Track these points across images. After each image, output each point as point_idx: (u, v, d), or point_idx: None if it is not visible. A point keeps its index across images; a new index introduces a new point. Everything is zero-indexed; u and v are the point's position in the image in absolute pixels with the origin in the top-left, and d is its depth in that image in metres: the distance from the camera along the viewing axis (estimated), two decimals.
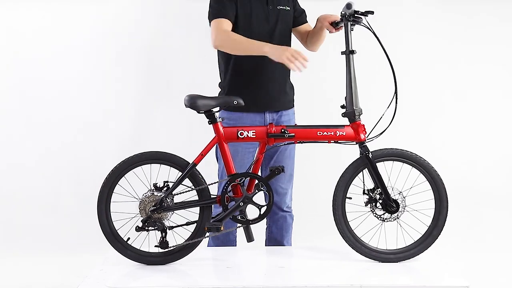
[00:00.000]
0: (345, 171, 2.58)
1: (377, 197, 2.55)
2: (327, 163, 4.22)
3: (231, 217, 2.55)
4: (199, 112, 2.54)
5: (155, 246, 2.55)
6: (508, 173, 4.55)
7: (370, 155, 2.54)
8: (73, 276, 3.62)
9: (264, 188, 2.56)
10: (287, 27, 2.91)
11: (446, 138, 4.51)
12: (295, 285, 2.31)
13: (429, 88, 4.48)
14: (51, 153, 4.37)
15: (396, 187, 2.56)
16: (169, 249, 2.55)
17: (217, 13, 2.77)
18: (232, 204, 2.55)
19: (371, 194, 2.56)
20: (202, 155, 2.56)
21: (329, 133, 2.54)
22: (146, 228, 2.54)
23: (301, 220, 3.42)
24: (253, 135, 2.56)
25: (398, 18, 4.44)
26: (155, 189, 2.56)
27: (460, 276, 2.40)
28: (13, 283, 3.59)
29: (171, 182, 2.57)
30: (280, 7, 2.87)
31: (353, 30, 2.59)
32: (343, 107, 2.57)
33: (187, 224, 2.59)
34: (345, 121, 2.56)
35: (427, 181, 2.57)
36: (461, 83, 4.51)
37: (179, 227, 2.60)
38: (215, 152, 2.89)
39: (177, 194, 2.57)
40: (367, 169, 2.55)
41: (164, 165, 2.60)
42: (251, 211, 2.57)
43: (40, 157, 4.37)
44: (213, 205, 2.63)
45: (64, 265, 3.83)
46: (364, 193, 2.57)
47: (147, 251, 2.59)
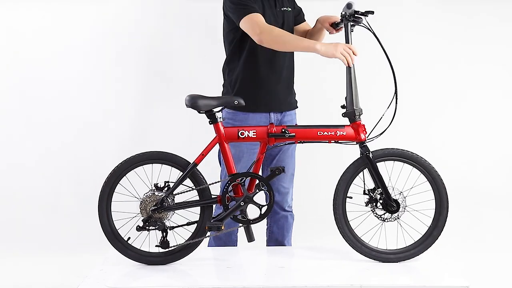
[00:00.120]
0: (346, 171, 2.58)
1: (378, 197, 2.55)
2: (328, 163, 4.22)
3: (232, 216, 2.55)
4: (200, 112, 2.55)
5: (156, 246, 2.55)
6: (508, 173, 4.55)
7: (370, 155, 2.54)
8: (73, 276, 3.62)
9: (264, 188, 2.56)
10: (291, 28, 2.92)
11: (446, 138, 4.51)
12: (295, 285, 2.31)
13: (429, 88, 4.48)
14: (51, 153, 4.37)
15: (396, 187, 2.56)
16: (169, 249, 2.55)
17: (247, 9, 2.69)
18: (232, 204, 2.55)
19: (372, 194, 2.56)
20: (203, 155, 2.56)
21: (329, 133, 2.54)
22: (146, 227, 2.54)
23: (302, 220, 3.43)
24: (253, 135, 2.56)
25: (398, 18, 4.44)
26: (156, 189, 2.56)
27: (460, 276, 2.40)
28: (13, 283, 3.59)
29: (172, 182, 2.57)
30: (284, 8, 2.87)
31: (353, 31, 2.59)
32: (343, 107, 2.57)
33: (188, 224, 2.59)
34: (345, 121, 2.56)
35: (428, 182, 2.57)
36: (461, 83, 4.51)
37: (179, 227, 2.60)
38: (218, 155, 2.87)
39: (178, 194, 2.58)
40: (367, 169, 2.56)
41: (165, 165, 2.60)
42: (252, 211, 2.57)
43: (40, 157, 4.37)
44: (215, 206, 2.63)
45: (64, 265, 3.83)
46: (364, 193, 2.57)
47: (148, 251, 2.59)
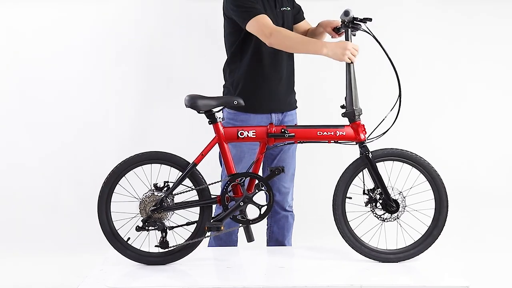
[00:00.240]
0: (345, 171, 2.58)
1: (377, 197, 2.55)
2: (327, 163, 4.22)
3: (231, 217, 2.55)
4: (199, 112, 2.54)
5: (155, 246, 2.55)
6: (508, 173, 4.54)
7: (370, 155, 2.53)
8: (73, 276, 3.62)
9: (264, 188, 2.56)
10: (291, 27, 2.91)
11: (446, 138, 4.51)
12: (295, 285, 2.31)
13: (429, 88, 4.47)
14: (51, 153, 4.37)
15: (396, 187, 2.56)
16: (169, 249, 2.55)
17: (252, 11, 2.68)
18: (232, 204, 2.55)
19: (371, 194, 2.55)
20: (202, 155, 2.56)
21: (329, 133, 2.54)
22: (146, 228, 2.54)
23: (302, 220, 3.43)
24: (253, 135, 2.56)
25: (398, 18, 4.43)
26: (155, 189, 2.56)
27: (460, 276, 2.39)
28: (13, 283, 3.59)
29: (172, 182, 2.57)
30: (283, 8, 2.86)
31: (355, 35, 2.58)
32: (343, 107, 2.57)
33: (187, 224, 2.59)
34: (345, 121, 2.56)
35: (427, 181, 2.56)
36: (461, 83, 4.51)
37: (179, 227, 2.60)
38: (218, 156, 2.87)
39: (178, 194, 2.57)
40: (367, 169, 2.55)
41: (164, 165, 2.59)
42: (252, 211, 2.57)
43: (40, 157, 4.37)
44: (215, 206, 2.63)
45: (64, 265, 3.83)
46: (364, 193, 2.57)
47: (147, 251, 2.59)
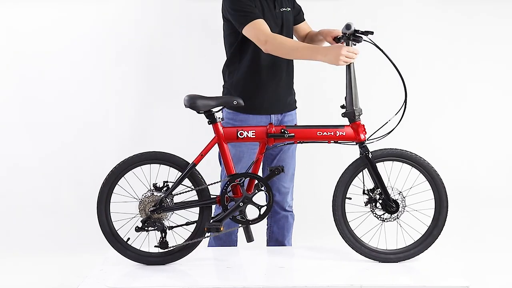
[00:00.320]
0: (345, 171, 2.58)
1: (377, 197, 2.55)
2: (327, 163, 4.21)
3: (231, 217, 2.55)
4: (198, 112, 2.54)
5: (155, 246, 2.55)
6: (508, 173, 4.54)
7: (370, 155, 2.53)
8: (73, 276, 3.62)
9: (263, 188, 2.56)
10: (291, 28, 2.91)
11: (446, 138, 4.51)
12: (295, 285, 2.31)
13: (429, 88, 4.47)
14: (51, 153, 4.36)
15: (396, 187, 2.56)
16: (169, 249, 2.55)
17: (249, 15, 2.68)
18: (231, 204, 2.55)
19: (371, 194, 2.55)
20: (201, 155, 2.56)
21: (329, 133, 2.54)
22: (145, 228, 2.54)
23: (302, 220, 3.43)
24: (252, 135, 2.56)
25: (398, 18, 4.43)
26: (154, 189, 2.56)
27: (460, 276, 2.40)
28: (13, 283, 3.59)
29: (171, 182, 2.57)
30: (283, 9, 2.86)
31: (355, 45, 2.57)
32: (343, 107, 2.56)
33: (187, 224, 2.59)
34: (345, 121, 2.56)
35: (427, 181, 2.56)
36: (461, 83, 4.51)
37: (179, 227, 2.60)
38: (218, 156, 2.87)
39: (177, 194, 2.57)
40: (367, 169, 2.55)
41: (163, 165, 2.59)
42: (251, 211, 2.57)
43: (40, 157, 4.37)
44: (214, 206, 2.63)
45: (64, 265, 3.83)
46: (364, 193, 2.57)
47: (147, 251, 2.59)
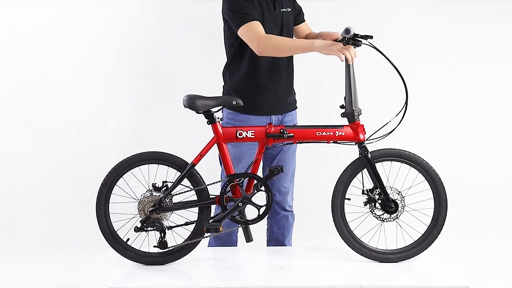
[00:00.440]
0: (344, 171, 2.57)
1: (376, 197, 2.55)
2: (327, 163, 4.21)
3: (230, 217, 2.55)
4: (198, 112, 2.54)
5: (154, 246, 2.55)
6: (508, 173, 4.54)
7: (369, 156, 2.53)
8: (73, 276, 3.62)
9: (263, 188, 2.56)
10: (291, 29, 2.91)
11: (446, 138, 4.50)
12: (295, 285, 2.31)
13: (429, 88, 4.47)
14: (51, 153, 4.36)
15: (395, 187, 2.56)
16: (168, 249, 2.55)
17: (245, 17, 2.68)
18: (231, 204, 2.55)
19: (370, 194, 2.55)
20: (201, 155, 2.56)
21: (328, 133, 2.54)
22: (145, 228, 2.54)
23: (302, 220, 3.42)
24: (252, 135, 2.56)
25: (398, 18, 4.43)
26: (154, 189, 2.56)
27: (460, 276, 2.40)
28: (13, 283, 3.59)
29: (170, 182, 2.57)
30: (283, 9, 2.85)
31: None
32: (342, 107, 2.56)
33: (186, 224, 2.59)
34: (344, 121, 2.56)
35: (426, 181, 2.56)
36: (461, 83, 4.50)
37: (178, 227, 2.60)
38: (218, 156, 2.87)
39: (176, 194, 2.57)
40: (366, 169, 2.55)
41: (162, 165, 2.59)
42: (251, 211, 2.57)
43: (40, 157, 4.37)
44: (214, 205, 2.63)
45: (64, 265, 3.83)
46: (363, 193, 2.57)
47: (147, 251, 2.59)
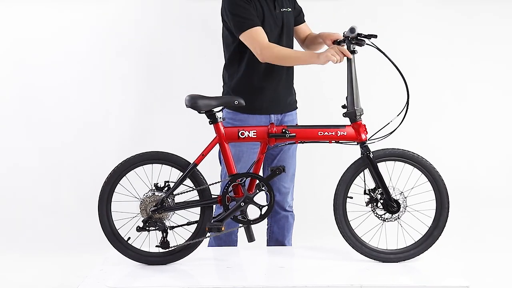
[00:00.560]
0: (346, 171, 2.58)
1: (378, 197, 2.55)
2: (328, 163, 4.21)
3: (232, 217, 2.55)
4: (200, 112, 2.54)
5: (156, 246, 2.55)
6: (508, 173, 4.54)
7: (371, 155, 2.53)
8: (73, 276, 3.61)
9: (265, 188, 2.56)
10: (291, 29, 2.91)
11: (446, 138, 4.51)
12: (295, 285, 2.31)
13: (429, 88, 4.47)
14: (51, 153, 4.36)
15: (397, 187, 2.56)
16: (170, 249, 2.55)
17: (246, 22, 2.68)
18: (233, 204, 2.55)
19: (372, 194, 2.55)
20: (203, 155, 2.56)
21: (330, 133, 2.54)
22: (147, 228, 2.54)
23: (302, 220, 3.42)
24: (254, 135, 2.56)
25: (398, 18, 4.43)
26: (156, 189, 2.56)
27: (460, 276, 2.40)
28: (13, 283, 3.58)
29: (172, 182, 2.57)
30: (283, 9, 2.85)
31: (357, 52, 2.55)
32: (344, 107, 2.57)
33: (188, 224, 2.59)
34: (346, 121, 2.56)
35: (429, 182, 2.57)
36: (461, 83, 4.51)
37: (180, 227, 2.60)
38: (218, 155, 2.87)
39: (178, 194, 2.57)
40: (368, 169, 2.55)
41: (165, 165, 2.59)
42: (252, 211, 2.57)
43: (40, 157, 4.36)
44: (215, 205, 2.63)
45: (64, 265, 3.83)
46: (365, 193, 2.57)
47: (148, 250, 2.59)
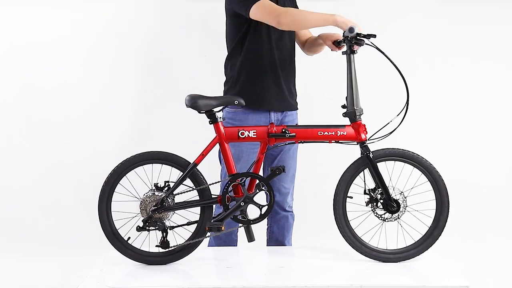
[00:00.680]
0: (346, 171, 2.58)
1: (378, 197, 2.55)
2: (328, 163, 4.22)
3: (232, 217, 2.55)
4: (200, 112, 2.54)
5: (156, 246, 2.55)
6: (508, 173, 4.55)
7: (371, 155, 2.53)
8: (73, 276, 3.62)
9: (265, 188, 2.56)
10: (293, 31, 2.90)
11: (446, 138, 4.51)
12: (295, 285, 2.31)
13: (429, 88, 4.48)
14: (51, 153, 4.37)
15: (397, 187, 2.56)
16: (169, 249, 2.55)
17: None
18: (233, 204, 2.55)
19: (372, 194, 2.55)
20: (203, 155, 2.55)
21: (330, 133, 2.54)
22: (147, 228, 2.54)
23: (302, 220, 3.43)
24: (254, 135, 2.56)
25: (398, 18, 4.44)
26: (156, 189, 2.56)
27: (460, 276, 2.40)
28: (13, 283, 3.59)
29: (172, 182, 2.57)
30: None
31: (356, 52, 2.55)
32: (344, 107, 2.57)
33: (188, 224, 2.59)
34: (346, 121, 2.56)
35: (429, 182, 2.56)
36: (461, 83, 4.51)
37: (179, 227, 2.60)
38: (218, 154, 2.87)
39: (178, 194, 2.58)
40: (368, 169, 2.55)
41: (165, 165, 2.59)
42: (252, 211, 2.57)
43: (40, 157, 4.37)
44: (215, 205, 2.63)
45: (64, 265, 3.83)
46: (365, 193, 2.57)
47: (148, 250, 2.59)
